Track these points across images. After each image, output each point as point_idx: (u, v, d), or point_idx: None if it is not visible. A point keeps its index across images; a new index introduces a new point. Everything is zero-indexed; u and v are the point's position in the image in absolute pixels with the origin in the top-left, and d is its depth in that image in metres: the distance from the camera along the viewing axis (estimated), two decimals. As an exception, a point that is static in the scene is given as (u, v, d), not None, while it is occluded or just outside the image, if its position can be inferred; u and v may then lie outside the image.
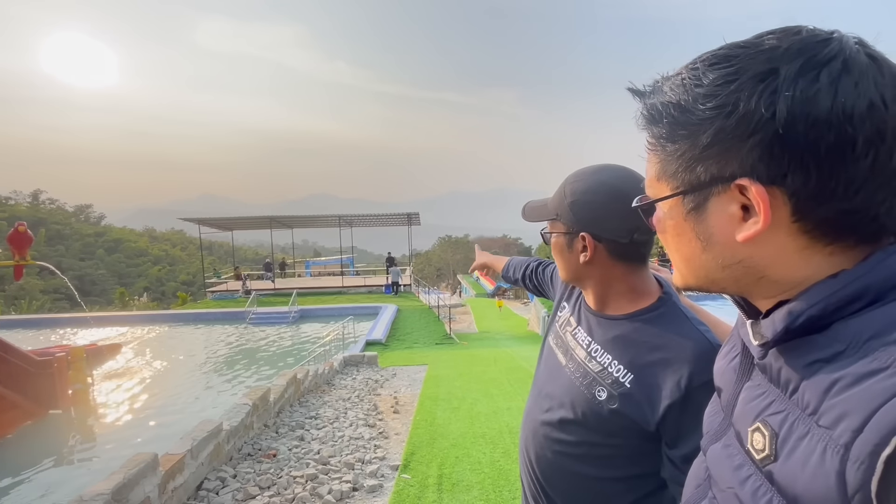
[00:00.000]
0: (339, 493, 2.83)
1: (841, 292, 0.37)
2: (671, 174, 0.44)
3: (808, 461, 0.35)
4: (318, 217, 24.44)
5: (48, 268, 10.22)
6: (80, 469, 4.96)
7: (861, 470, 0.31)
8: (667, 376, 0.72)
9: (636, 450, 0.77)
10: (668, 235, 0.47)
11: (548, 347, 0.99)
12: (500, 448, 3.57)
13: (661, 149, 0.44)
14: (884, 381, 0.32)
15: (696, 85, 0.40)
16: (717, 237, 0.42)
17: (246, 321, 14.66)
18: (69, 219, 64.34)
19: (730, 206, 0.40)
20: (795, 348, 0.39)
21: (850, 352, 0.35)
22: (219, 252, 66.08)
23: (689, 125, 0.40)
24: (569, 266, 0.87)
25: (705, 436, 0.52)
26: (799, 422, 0.37)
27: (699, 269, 0.45)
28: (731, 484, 0.43)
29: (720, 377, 0.52)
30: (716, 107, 0.38)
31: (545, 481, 0.87)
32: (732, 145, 0.38)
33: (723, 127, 0.38)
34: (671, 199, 0.44)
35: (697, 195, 0.42)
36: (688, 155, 0.41)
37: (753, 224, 0.38)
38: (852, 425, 0.32)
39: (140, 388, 8.20)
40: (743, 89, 0.37)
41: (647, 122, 0.45)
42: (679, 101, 0.41)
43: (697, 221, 0.43)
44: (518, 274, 1.38)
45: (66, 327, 14.52)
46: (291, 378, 4.83)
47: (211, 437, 3.11)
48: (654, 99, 0.44)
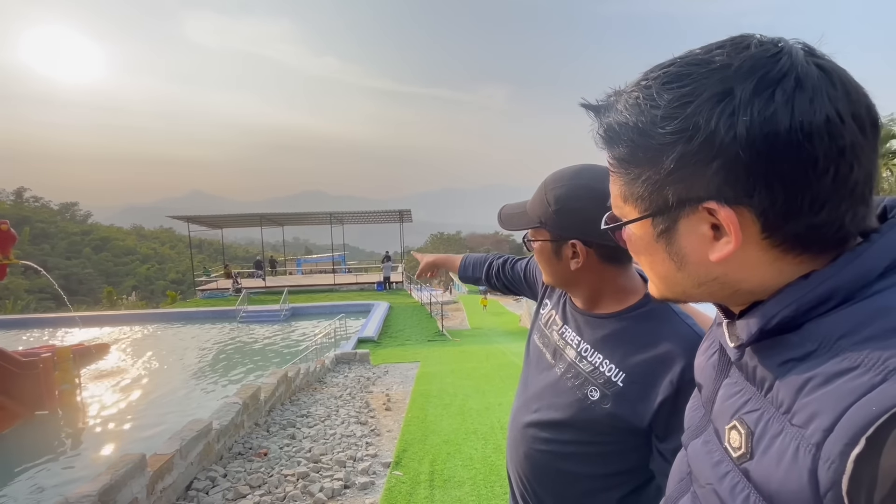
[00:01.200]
0: (331, 491, 2.83)
1: (812, 293, 0.37)
2: (637, 196, 0.43)
3: (782, 459, 0.35)
4: (310, 214, 24.31)
5: (33, 267, 10.03)
6: (66, 471, 4.88)
7: (832, 469, 0.31)
8: (659, 373, 0.73)
9: (625, 446, 0.77)
10: (641, 255, 0.47)
11: (534, 346, 0.98)
12: (492, 444, 3.58)
13: (623, 171, 0.43)
14: (853, 381, 0.32)
15: (651, 106, 0.39)
16: (690, 257, 0.42)
17: (236, 320, 14.54)
18: (54, 217, 63.27)
19: (700, 226, 0.40)
20: (769, 348, 0.40)
21: (821, 351, 0.36)
22: (208, 250, 65.43)
23: (650, 149, 0.40)
24: (557, 273, 0.85)
25: (686, 431, 0.52)
26: (774, 420, 0.37)
27: (675, 286, 0.45)
28: (710, 480, 0.43)
29: (700, 373, 0.52)
30: (676, 131, 0.38)
31: (534, 480, 0.87)
32: (697, 169, 0.38)
33: (685, 152, 0.38)
34: (640, 221, 0.44)
35: (667, 218, 0.42)
36: (653, 179, 0.41)
37: (725, 244, 0.39)
38: (823, 425, 0.33)
39: (129, 388, 8.09)
40: (701, 112, 0.37)
41: (604, 143, 0.44)
42: (637, 123, 0.40)
43: (669, 243, 0.43)
44: (479, 272, 1.32)
45: (52, 327, 14.28)
46: (282, 376, 4.80)
47: (200, 436, 3.08)
48: (609, 118, 0.43)
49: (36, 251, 48.73)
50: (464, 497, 2.79)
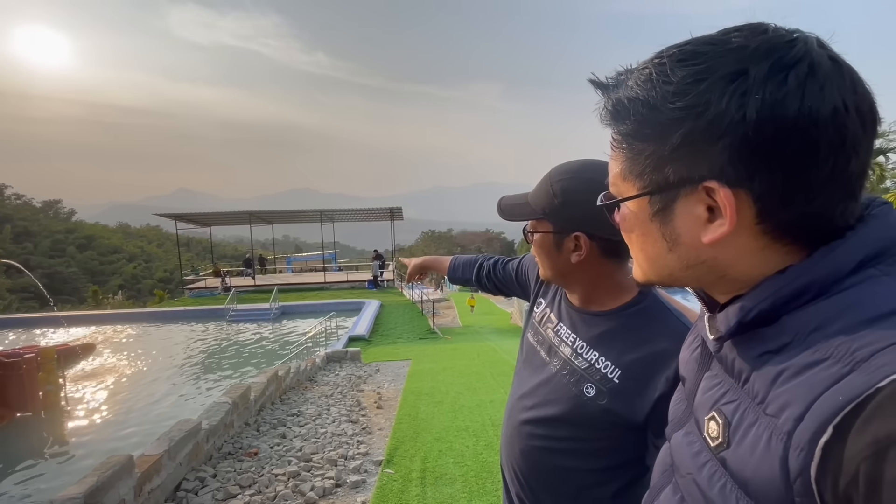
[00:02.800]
0: (322, 490, 2.82)
1: (788, 287, 0.38)
2: (637, 174, 0.43)
3: (756, 448, 0.36)
4: (299, 212, 24.07)
5: (15, 266, 9.84)
6: (51, 473, 4.80)
7: (801, 456, 0.33)
8: (655, 370, 0.74)
9: (620, 441, 0.78)
10: (634, 235, 0.47)
11: (528, 344, 0.98)
12: (483, 441, 3.60)
13: (627, 147, 0.44)
14: (823, 372, 0.33)
15: (664, 81, 0.39)
16: (682, 238, 0.42)
17: (226, 319, 14.39)
18: (37, 215, 61.95)
19: (696, 207, 0.40)
20: (747, 341, 0.41)
21: (795, 343, 0.37)
22: (196, 248, 64.61)
23: (658, 124, 0.40)
24: (556, 266, 0.85)
25: (670, 423, 0.54)
26: (749, 410, 0.39)
27: (663, 268, 0.46)
28: (690, 470, 0.45)
29: (684, 366, 0.54)
30: (686, 107, 0.38)
31: (529, 476, 0.88)
32: (702, 147, 0.38)
33: (693, 128, 0.38)
34: (637, 199, 0.44)
35: (665, 196, 0.42)
36: (656, 155, 0.41)
37: (719, 226, 0.39)
38: (794, 414, 0.34)
39: (116, 388, 7.97)
40: (713, 89, 0.37)
41: (611, 118, 0.44)
42: (647, 98, 0.40)
43: (664, 222, 0.43)
44: (469, 273, 1.31)
45: (35, 327, 14.00)
46: (272, 375, 4.77)
47: (189, 436, 3.05)
48: (619, 94, 0.43)
49: (18, 250, 47.70)
50: (455, 494, 2.79)
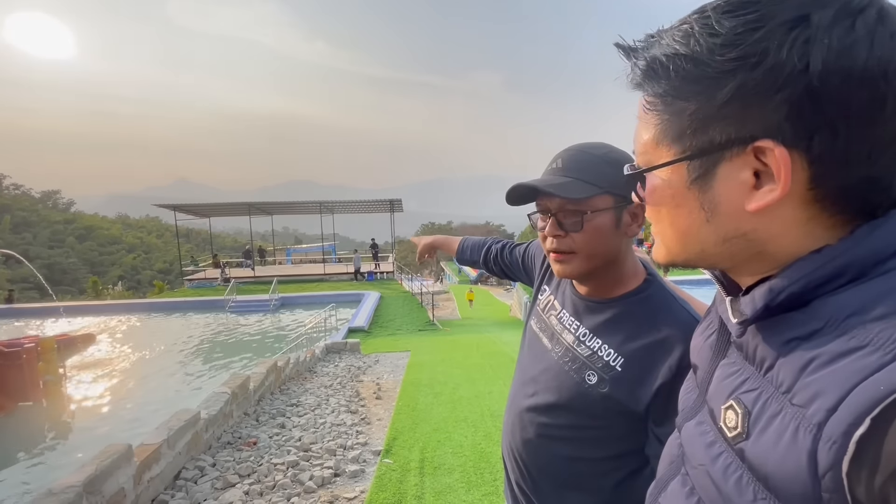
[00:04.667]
0: (321, 479, 2.83)
1: (823, 269, 0.35)
2: (675, 137, 0.39)
3: (779, 440, 0.34)
4: (299, 203, 24.02)
5: (14, 256, 9.82)
6: (51, 462, 4.83)
7: (833, 450, 0.30)
8: (658, 358, 0.73)
9: (622, 430, 0.77)
10: (665, 207, 0.43)
11: (531, 332, 0.98)
12: (482, 431, 3.61)
13: (664, 108, 0.39)
14: (861, 360, 0.31)
15: (710, 34, 0.35)
16: (722, 207, 0.38)
17: (225, 310, 14.41)
18: (36, 205, 61.85)
19: (742, 172, 0.36)
20: (773, 326, 0.38)
21: (827, 330, 0.34)
22: (196, 239, 64.57)
23: (704, 79, 0.36)
24: (610, 248, 0.77)
25: (680, 413, 0.52)
26: (772, 400, 0.36)
27: (695, 243, 0.42)
28: (702, 461, 0.43)
29: (696, 354, 0.52)
30: (738, 57, 0.34)
31: (530, 463, 0.88)
32: (756, 101, 0.34)
33: (746, 80, 0.34)
34: (675, 164, 0.40)
35: (706, 160, 0.38)
36: (700, 114, 0.37)
37: (769, 192, 0.35)
38: (826, 404, 0.31)
39: (115, 378, 8.00)
40: (771, 38, 0.33)
41: (645, 78, 0.40)
42: (690, 52, 0.36)
43: (703, 189, 0.39)
44: (477, 255, 1.29)
45: (36, 318, 14.03)
46: (272, 366, 4.78)
47: (188, 426, 3.06)
48: (653, 52, 0.39)
49: (17, 240, 47.65)
50: (454, 484, 2.81)
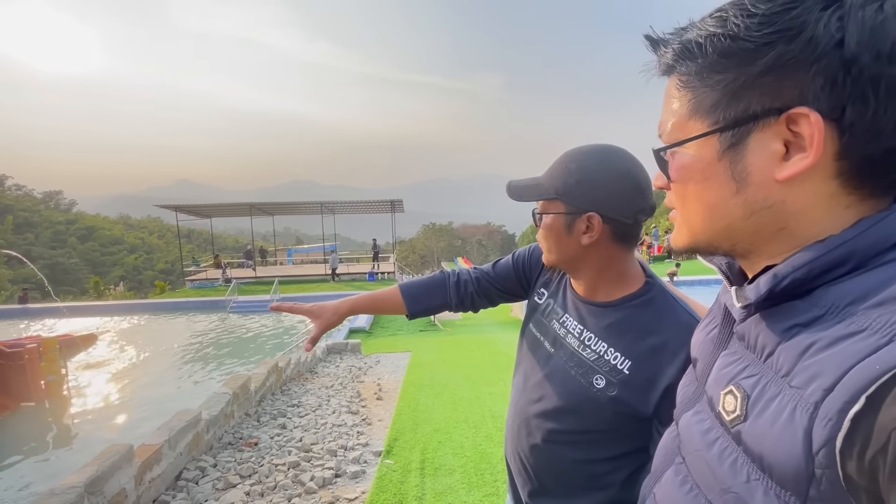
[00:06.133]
0: (322, 480, 2.83)
1: (826, 256, 0.37)
2: (708, 108, 0.41)
3: (777, 420, 0.36)
4: (300, 204, 24.04)
5: (16, 256, 9.85)
6: (53, 462, 4.83)
7: (828, 426, 0.32)
8: (664, 360, 0.74)
9: (628, 431, 0.78)
10: (693, 182, 0.44)
11: (530, 336, 0.97)
12: (483, 432, 3.61)
13: (699, 83, 0.41)
14: (859, 343, 0.32)
15: (747, 15, 0.38)
16: (753, 177, 0.40)
17: (226, 310, 14.44)
18: (38, 206, 62.02)
19: (773, 142, 0.38)
20: (776, 314, 0.40)
21: (828, 316, 0.36)
22: (197, 240, 64.69)
23: (742, 52, 0.38)
24: (565, 249, 0.84)
25: (678, 406, 0.53)
26: (771, 384, 0.38)
27: (722, 217, 0.43)
28: (698, 447, 0.44)
29: (697, 347, 0.53)
30: (777, 31, 0.36)
31: (538, 467, 0.88)
32: (793, 72, 0.36)
33: (784, 52, 0.36)
34: (707, 137, 0.42)
35: (739, 131, 0.40)
36: (735, 84, 0.39)
37: (801, 159, 0.37)
38: (824, 384, 0.33)
39: (117, 378, 8.02)
40: (808, 14, 0.36)
41: (679, 58, 0.43)
42: (727, 31, 0.39)
43: (734, 160, 0.40)
44: (442, 298, 1.08)
45: (37, 318, 14.06)
46: (273, 366, 4.78)
47: (189, 426, 3.06)
48: (688, 35, 0.42)
49: (19, 240, 47.77)
50: (454, 485, 2.81)
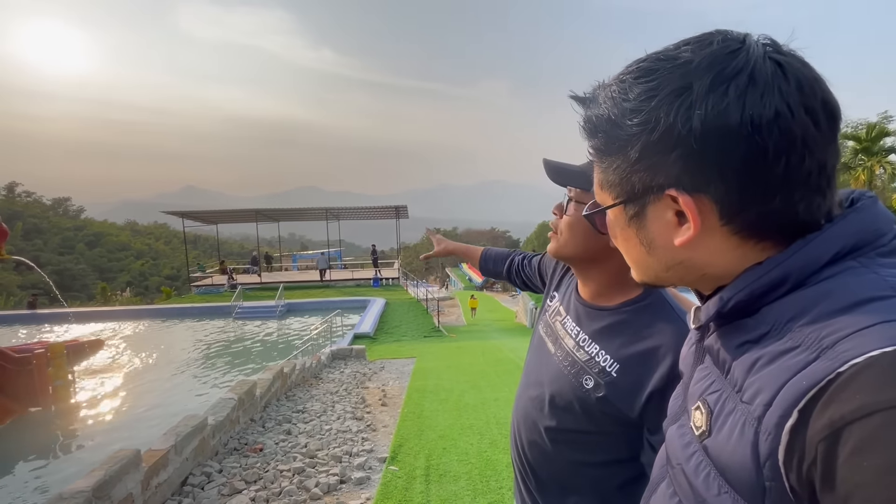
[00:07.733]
0: (327, 486, 2.83)
1: (764, 278, 0.40)
2: (611, 184, 0.47)
3: (732, 434, 0.38)
4: (305, 210, 24.17)
5: (25, 262, 9.93)
6: (60, 467, 4.86)
7: (769, 440, 0.34)
8: (651, 365, 0.74)
9: (621, 436, 0.79)
10: (618, 240, 0.51)
11: (538, 336, 1.01)
12: (488, 439, 3.60)
13: (600, 160, 0.47)
14: (792, 359, 0.35)
15: (623, 99, 0.42)
16: (657, 241, 0.45)
17: (232, 315, 14.47)
18: (46, 212, 62.66)
19: (665, 213, 0.43)
20: (730, 332, 0.43)
21: (773, 333, 0.38)
22: (203, 246, 65.13)
23: (620, 140, 0.43)
24: (592, 246, 0.81)
25: (667, 418, 0.55)
26: (729, 399, 0.40)
27: (647, 269, 0.49)
28: (680, 460, 0.46)
29: (682, 361, 0.55)
30: (640, 123, 0.41)
31: (535, 465, 0.90)
32: (658, 159, 0.41)
33: (648, 142, 0.41)
34: (614, 207, 0.48)
35: (636, 204, 0.45)
36: (622, 167, 0.44)
37: (687, 230, 0.42)
38: (765, 399, 0.35)
39: (124, 383, 8.05)
40: (662, 105, 0.40)
41: (586, 133, 0.48)
42: (610, 115, 0.44)
43: (639, 228, 0.46)
44: (500, 267, 1.36)
45: (45, 323, 14.17)
46: (278, 372, 4.79)
47: (195, 432, 3.07)
48: (591, 111, 0.47)
49: (28, 247, 48.27)
50: (459, 492, 2.80)
